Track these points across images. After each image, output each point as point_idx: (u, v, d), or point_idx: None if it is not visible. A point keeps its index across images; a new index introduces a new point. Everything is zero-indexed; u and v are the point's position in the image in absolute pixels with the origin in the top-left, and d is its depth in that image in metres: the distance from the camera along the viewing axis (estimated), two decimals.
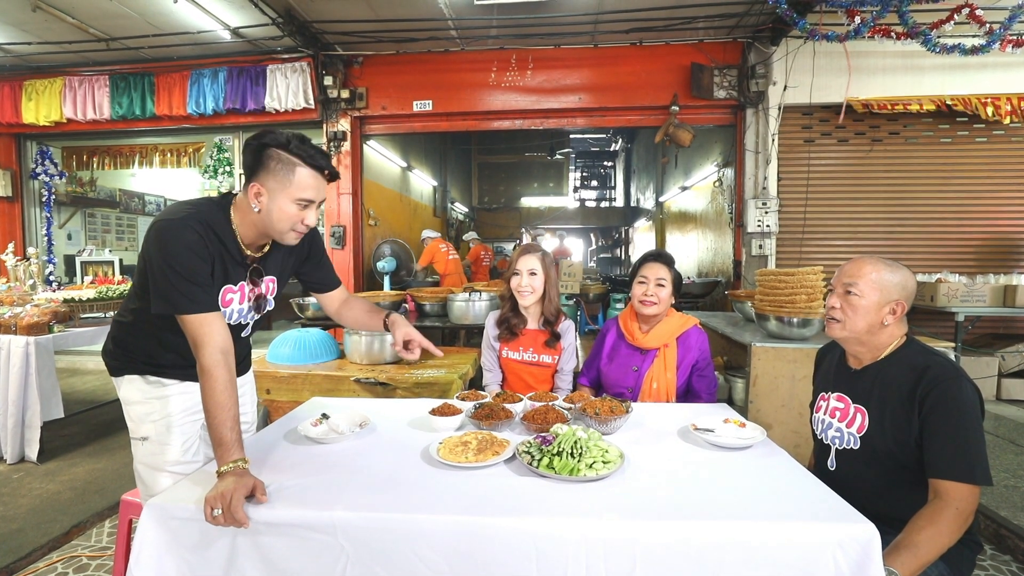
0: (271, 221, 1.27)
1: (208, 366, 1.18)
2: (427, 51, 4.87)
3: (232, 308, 1.36)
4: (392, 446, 1.43)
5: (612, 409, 1.51)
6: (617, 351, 2.06)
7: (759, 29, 4.38)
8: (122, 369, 1.43)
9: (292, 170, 1.23)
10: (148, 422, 1.42)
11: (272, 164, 1.23)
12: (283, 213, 1.25)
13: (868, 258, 1.39)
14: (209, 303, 1.23)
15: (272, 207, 1.25)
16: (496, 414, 1.52)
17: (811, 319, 2.83)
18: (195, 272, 1.21)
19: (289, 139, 1.24)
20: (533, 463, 1.25)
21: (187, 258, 1.20)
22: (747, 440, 1.44)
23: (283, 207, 1.25)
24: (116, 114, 5.11)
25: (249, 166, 1.25)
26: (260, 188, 1.24)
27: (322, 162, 1.27)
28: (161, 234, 1.21)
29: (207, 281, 1.24)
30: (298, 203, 1.26)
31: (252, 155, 1.24)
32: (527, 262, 2.08)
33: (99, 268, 5.83)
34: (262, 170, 1.23)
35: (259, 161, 1.23)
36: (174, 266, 1.19)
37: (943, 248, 4.58)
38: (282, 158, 1.23)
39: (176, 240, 1.20)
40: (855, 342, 1.40)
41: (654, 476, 1.25)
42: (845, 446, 1.39)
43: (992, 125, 4.49)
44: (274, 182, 1.23)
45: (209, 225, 1.25)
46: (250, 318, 1.45)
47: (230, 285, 1.33)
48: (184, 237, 1.20)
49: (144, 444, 1.42)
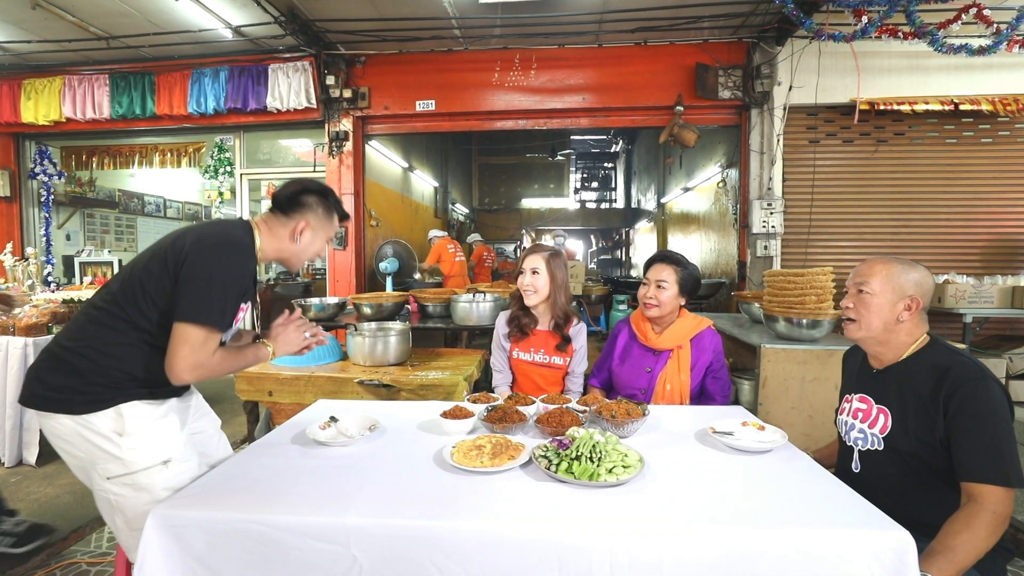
0: (305, 253, 1.50)
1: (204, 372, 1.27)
2: (430, 51, 4.84)
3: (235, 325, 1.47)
4: (403, 450, 1.39)
5: (628, 412, 1.47)
6: (629, 352, 2.02)
7: (764, 29, 4.35)
8: (112, 399, 1.25)
9: (331, 216, 1.51)
10: (165, 443, 1.30)
11: (319, 210, 1.47)
12: (319, 246, 1.52)
13: (881, 258, 1.40)
14: (227, 326, 1.34)
15: (313, 241, 1.48)
16: (510, 417, 1.48)
17: (821, 320, 2.80)
18: (236, 296, 1.32)
19: (325, 191, 1.50)
20: (551, 468, 1.22)
21: (239, 282, 1.32)
22: (768, 444, 1.40)
23: (319, 242, 1.51)
24: (116, 113, 5.06)
25: (297, 205, 1.45)
26: (306, 224, 1.45)
27: (344, 212, 1.57)
28: (225, 250, 1.30)
29: (237, 305, 1.36)
30: (328, 240, 1.55)
31: (297, 198, 1.45)
32: (530, 261, 2.06)
33: (98, 269, 5.78)
34: (308, 211, 1.46)
35: (304, 203, 1.45)
36: (227, 285, 1.28)
37: (949, 249, 4.55)
38: (325, 204, 1.49)
39: (238, 263, 1.32)
40: (873, 342, 1.38)
41: (675, 481, 1.21)
42: (869, 447, 1.36)
43: (998, 126, 4.47)
44: (318, 222, 1.48)
45: (253, 250, 1.41)
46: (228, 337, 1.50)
47: (244, 304, 1.41)
48: (246, 264, 1.35)
49: (168, 467, 1.28)
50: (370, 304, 3.40)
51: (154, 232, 8.02)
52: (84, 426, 1.24)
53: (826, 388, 2.81)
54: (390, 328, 2.85)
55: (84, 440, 1.24)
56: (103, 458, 1.25)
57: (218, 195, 5.72)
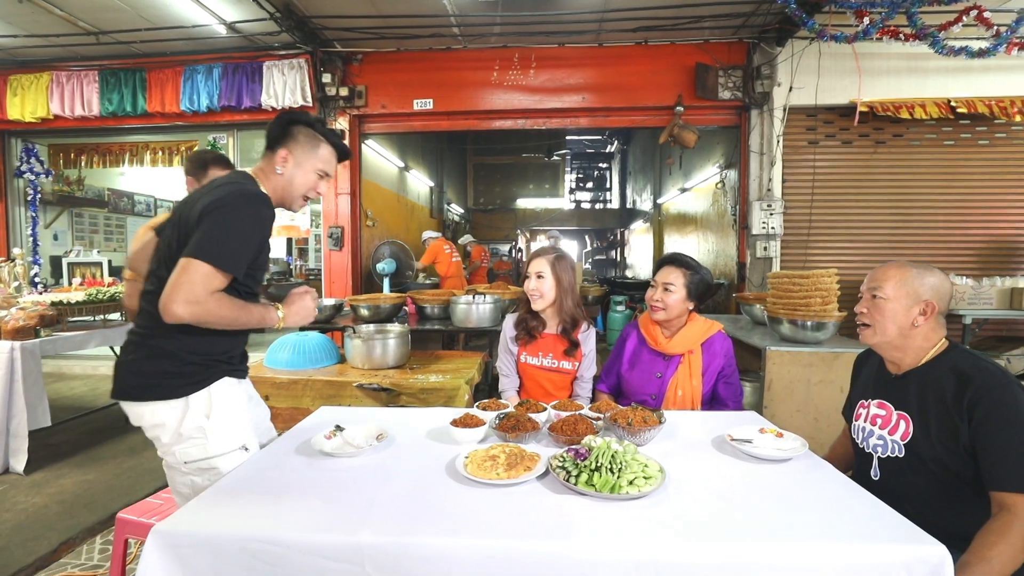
0: (292, 185, 1.43)
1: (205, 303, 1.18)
2: (429, 49, 4.78)
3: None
4: (414, 461, 1.34)
5: (645, 419, 1.43)
6: (639, 357, 1.98)
7: (765, 29, 4.34)
8: (207, 378, 1.32)
9: (317, 145, 1.44)
10: (243, 427, 1.38)
11: (300, 137, 1.41)
12: (305, 179, 1.44)
13: (896, 262, 1.37)
14: (240, 270, 1.28)
15: (296, 172, 1.42)
16: (523, 425, 1.43)
17: (826, 322, 2.78)
18: (254, 244, 1.31)
19: (316, 121, 1.44)
20: (570, 479, 1.17)
21: (260, 230, 1.32)
22: (788, 452, 1.36)
23: (306, 174, 1.44)
24: (106, 111, 4.95)
25: (275, 137, 1.41)
26: (287, 154, 1.41)
27: (339, 142, 1.49)
28: (248, 199, 1.29)
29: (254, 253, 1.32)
30: (318, 172, 1.45)
31: (280, 128, 1.41)
32: (535, 265, 2.02)
33: (87, 270, 5.66)
34: (290, 140, 1.41)
35: (287, 133, 1.41)
36: (245, 231, 1.27)
37: (947, 251, 4.57)
38: (309, 134, 1.42)
39: (260, 208, 1.31)
40: (890, 347, 1.35)
41: (697, 492, 1.17)
42: (889, 454, 1.33)
43: (995, 128, 4.49)
44: (301, 152, 1.42)
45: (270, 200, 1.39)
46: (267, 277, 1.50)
47: None
48: (264, 208, 1.32)
49: (245, 453, 1.36)
50: (367, 306, 3.34)
51: None
52: (180, 410, 1.29)
53: (832, 391, 2.79)
54: (389, 330, 2.79)
55: (177, 424, 1.29)
56: (188, 443, 1.30)
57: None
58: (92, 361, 5.26)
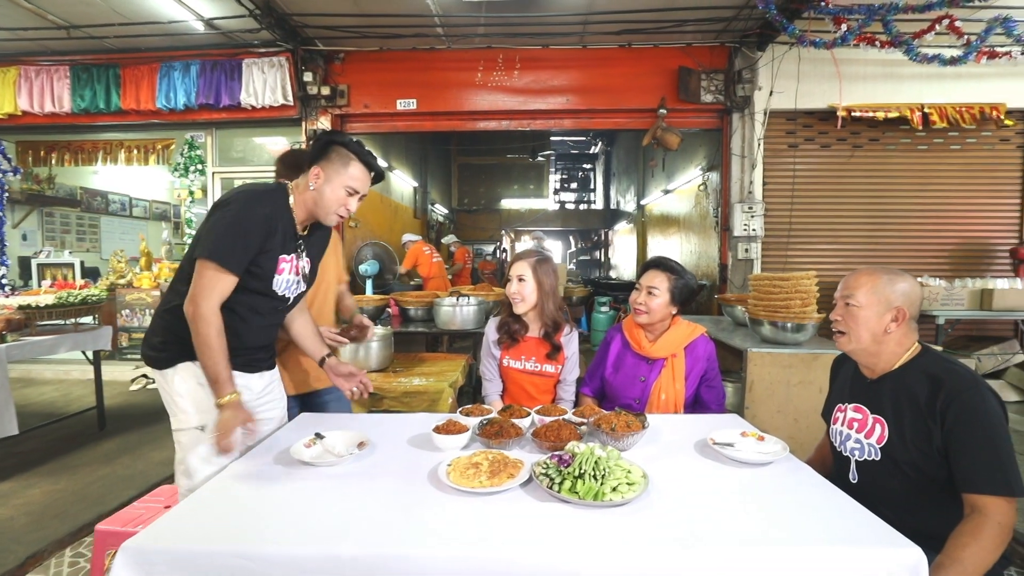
0: (323, 200, 1.48)
1: (206, 313, 1.34)
2: (412, 48, 4.74)
3: (283, 277, 1.52)
4: (396, 469, 1.32)
5: (628, 424, 1.43)
6: (622, 360, 1.99)
7: (746, 34, 4.40)
8: (173, 359, 1.46)
9: (349, 163, 1.49)
10: (205, 410, 1.44)
11: (333, 155, 1.48)
12: (334, 195, 1.48)
13: (867, 269, 1.40)
14: (238, 266, 1.39)
15: (326, 188, 1.47)
16: (506, 431, 1.42)
17: (805, 324, 2.83)
18: (250, 238, 1.39)
19: (351, 141, 1.51)
20: (553, 487, 1.16)
21: (253, 224, 1.39)
22: (769, 455, 1.38)
23: (335, 190, 1.48)
24: (78, 107, 4.80)
25: (313, 155, 1.49)
26: (320, 171, 1.47)
27: (372, 161, 1.53)
28: (243, 195, 1.42)
29: (251, 250, 1.40)
30: (347, 190, 1.49)
31: (319, 148, 1.49)
32: (516, 268, 2.01)
33: (58, 271, 5.49)
34: (324, 159, 1.48)
35: (323, 152, 1.48)
36: (239, 222, 1.37)
37: (921, 253, 4.69)
38: (342, 152, 1.48)
39: (253, 205, 1.40)
40: (864, 353, 1.38)
41: (680, 498, 1.18)
42: (866, 457, 1.35)
43: (965, 134, 4.62)
44: (332, 170, 1.47)
45: (280, 203, 1.49)
46: (294, 292, 1.58)
47: (284, 255, 1.50)
48: (261, 207, 1.41)
49: (202, 434, 1.45)
50: None
51: (119, 232, 7.67)
52: (166, 380, 1.47)
53: (811, 392, 2.84)
54: None
55: (166, 393, 1.48)
56: (171, 411, 1.49)
57: (188, 194, 5.50)
58: (64, 365, 5.10)
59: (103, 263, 6.76)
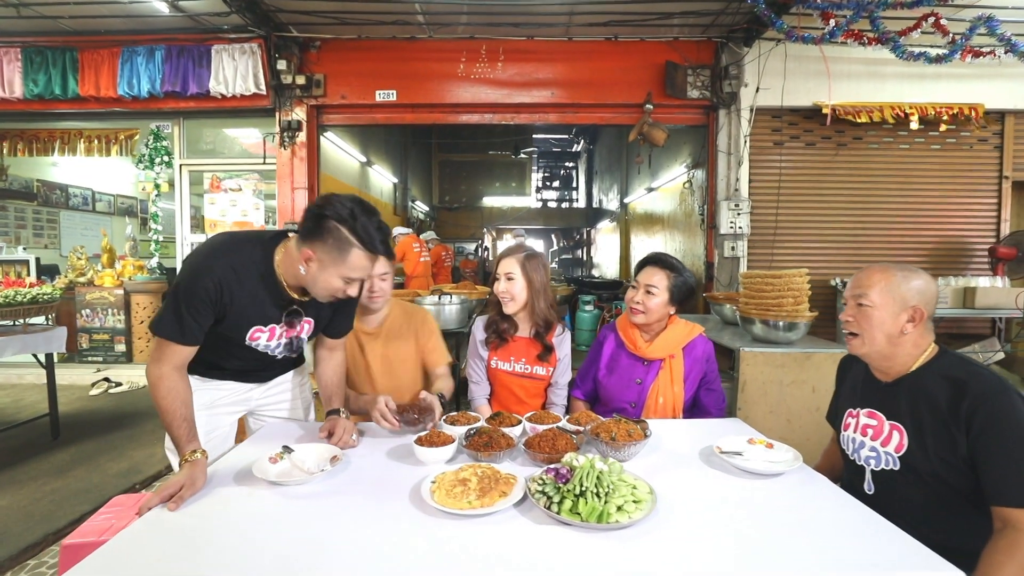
0: (315, 287, 1.28)
1: (152, 379, 1.26)
2: (392, 37, 4.56)
3: (259, 343, 1.40)
4: (375, 488, 1.18)
5: (629, 433, 1.31)
6: (617, 361, 1.88)
7: (733, 29, 4.35)
8: None
9: (348, 250, 1.22)
10: None
11: (329, 239, 1.22)
12: (328, 284, 1.26)
13: (879, 266, 1.30)
14: (191, 339, 1.27)
15: (319, 276, 1.25)
16: (496, 442, 1.29)
17: (797, 322, 2.77)
18: (197, 311, 1.24)
19: (353, 215, 1.21)
20: (552, 506, 1.04)
21: (196, 298, 1.24)
22: (780, 465, 1.28)
23: (329, 280, 1.25)
24: (31, 93, 4.49)
25: (308, 229, 1.24)
26: (312, 255, 1.24)
27: (379, 247, 1.25)
28: (191, 264, 1.28)
29: (203, 321, 1.27)
30: (344, 279, 1.26)
31: (313, 221, 1.23)
32: (504, 265, 1.87)
33: (11, 268, 5.15)
34: (318, 239, 1.22)
35: (317, 228, 1.22)
36: (182, 296, 1.23)
37: (904, 251, 4.71)
38: (340, 235, 1.21)
39: (197, 279, 1.24)
40: (879, 356, 1.28)
41: (690, 516, 1.06)
42: (883, 467, 1.26)
43: (946, 133, 4.66)
44: (326, 255, 1.23)
45: (242, 271, 1.28)
46: (279, 353, 1.48)
47: (259, 326, 1.36)
48: (203, 281, 1.24)
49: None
50: None
51: (80, 228, 7.28)
52: None
53: (803, 391, 2.78)
54: None
55: None
56: None
57: (154, 187, 5.22)
58: (16, 369, 4.78)
59: (63, 260, 6.39)
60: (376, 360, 1.84)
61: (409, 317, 1.91)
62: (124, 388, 4.58)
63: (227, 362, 1.49)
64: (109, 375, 4.73)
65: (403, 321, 1.88)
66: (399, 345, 1.85)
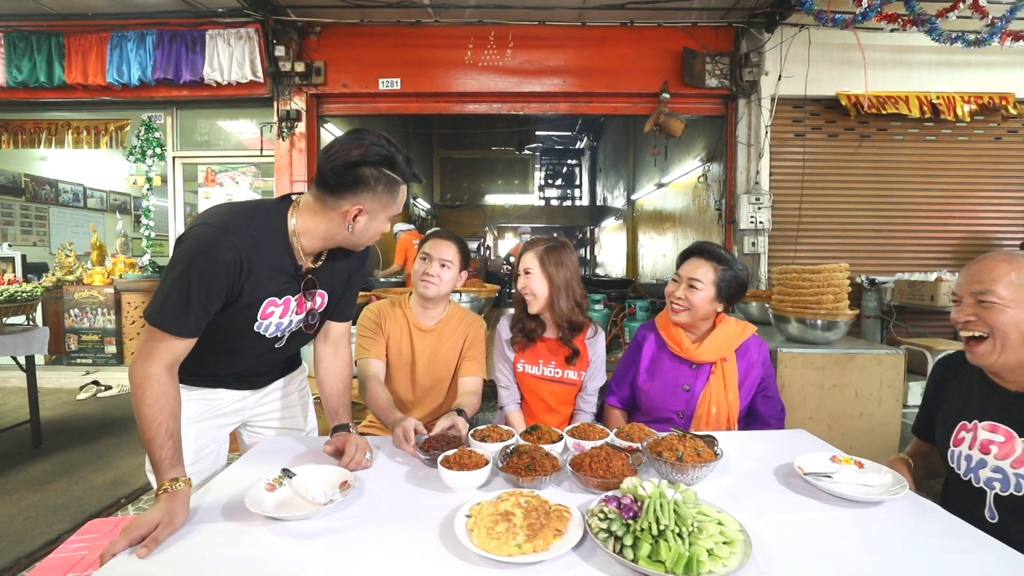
0: (361, 238, 1.19)
1: (138, 380, 1.04)
2: (396, 22, 4.34)
3: (270, 321, 1.21)
4: (396, 522, 0.96)
5: (698, 452, 1.10)
6: (659, 365, 1.66)
7: (755, 13, 4.14)
8: None
9: (396, 189, 1.15)
10: None
11: (378, 186, 1.11)
12: (378, 230, 1.18)
13: (1001, 254, 1.09)
14: (194, 330, 1.09)
15: (369, 227, 1.16)
16: (540, 465, 1.07)
17: (837, 321, 2.56)
18: (209, 294, 1.07)
19: (390, 151, 1.09)
20: (624, 552, 0.82)
21: (209, 277, 1.05)
22: (878, 489, 1.07)
23: (380, 226, 1.18)
24: (14, 80, 4.25)
25: (349, 183, 1.09)
26: (361, 208, 1.11)
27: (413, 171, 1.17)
28: (199, 238, 1.05)
29: (211, 307, 1.09)
30: (390, 219, 1.18)
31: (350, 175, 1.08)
32: (523, 261, 1.68)
33: None
34: (365, 191, 1.10)
35: (362, 179, 1.09)
36: (190, 278, 1.04)
37: (930, 246, 4.51)
38: (388, 179, 1.12)
39: (213, 250, 1.05)
40: (1016, 362, 1.07)
41: (792, 563, 0.85)
42: (1011, 491, 1.05)
43: (973, 124, 4.46)
44: (376, 203, 1.13)
45: (261, 239, 1.12)
46: (288, 332, 1.27)
47: (273, 298, 1.18)
48: (222, 252, 1.05)
49: None
50: None
51: (71, 224, 7.04)
52: None
53: (846, 396, 2.57)
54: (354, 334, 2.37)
55: None
56: None
57: (146, 181, 4.99)
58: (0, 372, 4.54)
59: (52, 258, 6.15)
60: (423, 357, 1.73)
61: (466, 322, 1.79)
62: (114, 392, 4.35)
63: (220, 364, 1.29)
64: (98, 378, 4.49)
65: (458, 324, 1.78)
66: (449, 347, 1.74)
